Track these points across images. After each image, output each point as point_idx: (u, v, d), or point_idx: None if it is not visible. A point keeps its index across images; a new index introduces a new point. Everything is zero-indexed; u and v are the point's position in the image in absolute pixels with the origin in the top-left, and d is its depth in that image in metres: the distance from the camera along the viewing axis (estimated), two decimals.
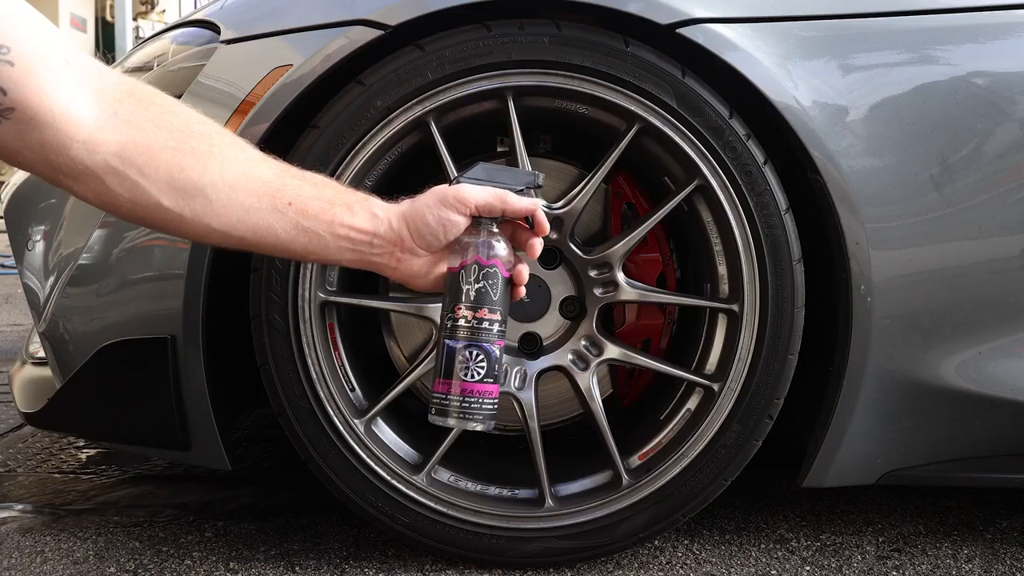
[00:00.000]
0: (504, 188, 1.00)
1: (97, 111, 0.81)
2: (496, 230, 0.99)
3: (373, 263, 0.97)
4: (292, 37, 1.21)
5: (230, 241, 0.90)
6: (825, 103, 1.17)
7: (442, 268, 0.99)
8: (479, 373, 0.98)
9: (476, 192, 0.97)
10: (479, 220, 0.98)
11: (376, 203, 0.96)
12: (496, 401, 1.00)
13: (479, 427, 0.99)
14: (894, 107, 1.18)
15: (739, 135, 1.19)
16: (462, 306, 0.97)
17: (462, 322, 0.97)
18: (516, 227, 1.03)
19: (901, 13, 1.20)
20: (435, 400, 0.99)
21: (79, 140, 0.80)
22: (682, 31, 1.16)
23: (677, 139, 1.20)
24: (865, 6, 1.19)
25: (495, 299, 0.98)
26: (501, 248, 0.99)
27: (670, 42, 1.17)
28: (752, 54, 1.16)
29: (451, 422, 0.99)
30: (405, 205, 0.97)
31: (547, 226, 1.02)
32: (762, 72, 1.16)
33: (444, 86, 1.18)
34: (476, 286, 0.97)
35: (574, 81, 1.19)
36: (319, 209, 0.91)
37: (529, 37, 1.18)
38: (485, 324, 0.98)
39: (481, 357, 0.98)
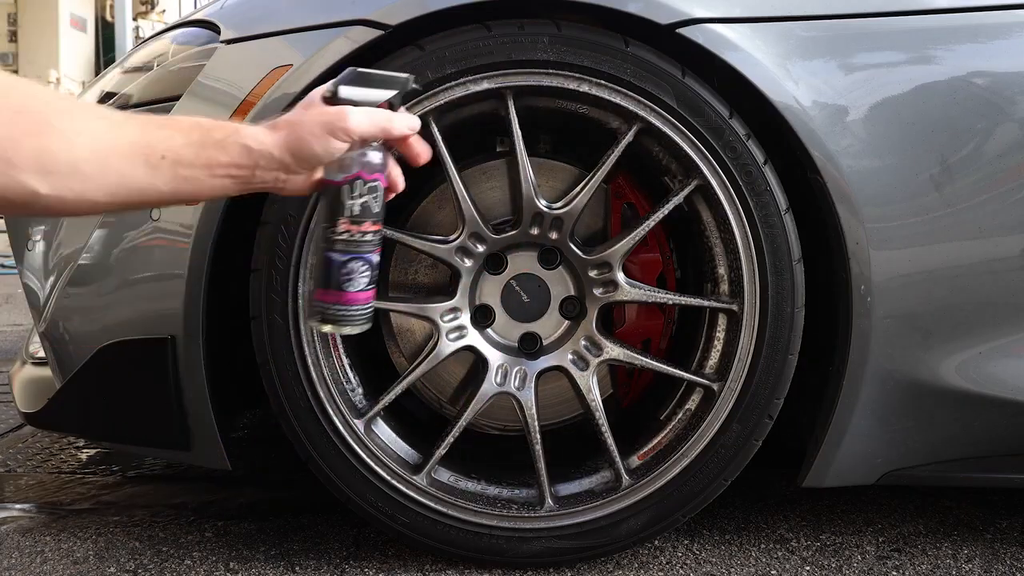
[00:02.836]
0: (381, 92, 0.99)
1: None
2: (375, 143, 0.99)
3: (258, 188, 0.96)
4: (292, 37, 1.21)
5: (116, 207, 0.90)
6: (825, 103, 1.17)
7: (319, 174, 0.98)
8: (362, 283, 0.99)
9: (361, 122, 0.96)
10: None
11: (247, 133, 0.93)
12: (372, 305, 1.02)
13: (356, 331, 1.00)
14: (894, 107, 1.18)
15: (739, 135, 1.19)
16: (346, 220, 0.97)
17: (346, 236, 0.98)
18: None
19: (901, 13, 1.20)
20: (316, 307, 0.99)
21: None
22: (682, 31, 1.16)
23: (677, 139, 1.19)
24: (865, 6, 1.19)
25: (376, 212, 0.99)
26: (380, 159, 0.98)
27: (670, 42, 1.17)
28: (752, 54, 1.16)
29: (328, 328, 1.00)
30: (285, 133, 0.94)
31: (424, 154, 1.03)
32: (762, 72, 1.16)
33: (444, 86, 1.18)
34: (360, 201, 0.97)
35: (574, 81, 1.19)
36: (193, 156, 0.90)
37: (529, 37, 1.18)
38: (368, 236, 0.99)
39: (364, 267, 0.99)
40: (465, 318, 1.29)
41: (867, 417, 1.23)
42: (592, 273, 1.27)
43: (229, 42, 1.25)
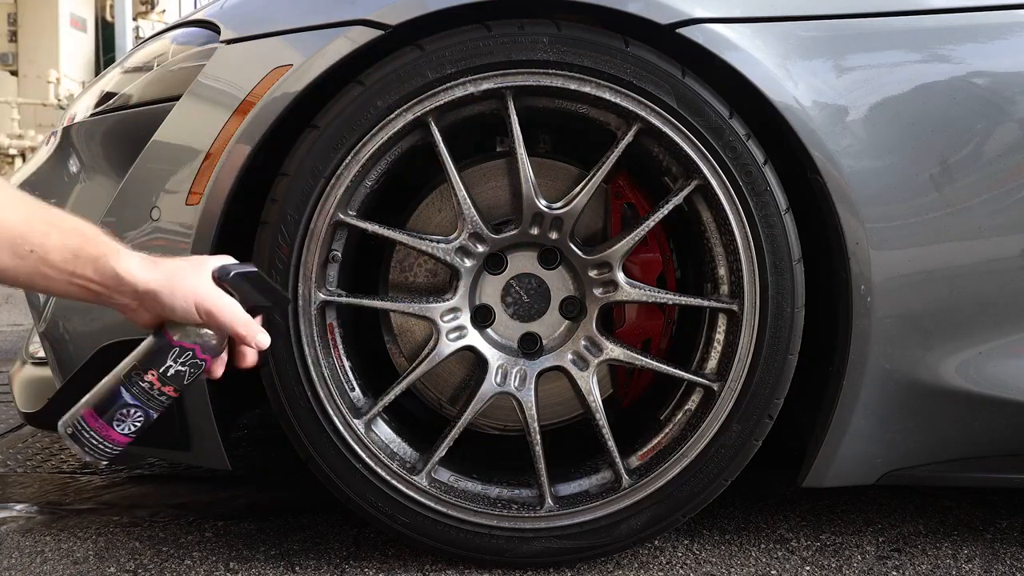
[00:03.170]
0: (260, 299, 1.05)
1: None
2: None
3: (105, 305, 0.99)
4: (292, 37, 1.21)
5: None
6: (825, 103, 1.17)
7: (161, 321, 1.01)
8: (130, 430, 1.03)
9: (225, 315, 1.00)
10: None
11: (125, 261, 0.95)
12: (121, 450, 1.04)
13: (94, 462, 1.04)
14: (894, 107, 1.18)
15: (739, 135, 1.19)
16: (156, 373, 1.01)
17: (146, 385, 1.01)
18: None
19: (901, 13, 1.20)
20: (77, 423, 1.02)
21: None
22: (682, 31, 1.16)
23: (677, 139, 1.19)
24: (865, 6, 1.19)
25: (184, 384, 1.03)
26: (216, 347, 1.03)
27: (670, 42, 1.17)
28: (752, 54, 1.16)
29: (76, 449, 1.02)
30: (160, 279, 0.97)
31: (252, 359, 1.07)
32: (762, 72, 1.16)
33: (444, 86, 1.18)
34: (178, 368, 1.02)
35: (574, 81, 1.19)
36: (61, 260, 0.92)
37: (529, 37, 1.18)
38: (163, 398, 1.03)
39: (140, 419, 1.03)
40: (465, 318, 1.29)
41: (867, 417, 1.23)
42: (592, 273, 1.27)
43: (229, 42, 1.25)
